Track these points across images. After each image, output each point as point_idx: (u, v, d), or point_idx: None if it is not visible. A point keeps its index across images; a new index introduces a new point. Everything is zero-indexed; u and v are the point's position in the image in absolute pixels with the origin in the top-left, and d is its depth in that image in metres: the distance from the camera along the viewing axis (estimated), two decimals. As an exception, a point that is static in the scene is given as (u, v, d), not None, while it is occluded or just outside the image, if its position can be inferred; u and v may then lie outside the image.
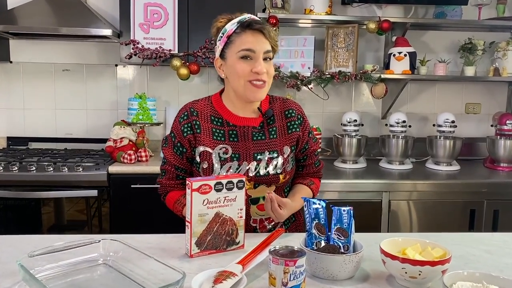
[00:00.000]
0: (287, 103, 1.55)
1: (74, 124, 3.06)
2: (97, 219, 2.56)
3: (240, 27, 1.38)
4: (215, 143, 1.43)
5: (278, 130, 1.49)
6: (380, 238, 1.10)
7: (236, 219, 1.21)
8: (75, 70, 3.02)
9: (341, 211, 1.10)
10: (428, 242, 1.07)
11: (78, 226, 2.58)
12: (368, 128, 3.16)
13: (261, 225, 1.49)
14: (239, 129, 1.45)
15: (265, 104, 1.52)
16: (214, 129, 1.45)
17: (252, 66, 1.37)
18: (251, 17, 1.41)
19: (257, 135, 1.46)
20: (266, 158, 1.44)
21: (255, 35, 1.37)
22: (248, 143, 1.44)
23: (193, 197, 1.13)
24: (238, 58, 1.37)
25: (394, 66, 2.85)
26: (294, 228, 1.59)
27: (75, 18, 2.67)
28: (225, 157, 1.42)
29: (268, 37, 1.38)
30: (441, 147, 2.83)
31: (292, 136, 1.50)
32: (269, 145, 1.46)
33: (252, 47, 1.36)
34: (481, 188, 2.55)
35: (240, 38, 1.37)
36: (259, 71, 1.36)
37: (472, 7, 2.99)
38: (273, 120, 1.49)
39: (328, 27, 2.91)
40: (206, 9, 2.71)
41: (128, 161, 2.61)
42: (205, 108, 1.48)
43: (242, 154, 1.43)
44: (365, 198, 2.52)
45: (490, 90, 3.22)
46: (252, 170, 1.43)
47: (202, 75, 3.04)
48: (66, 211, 2.55)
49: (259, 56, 1.37)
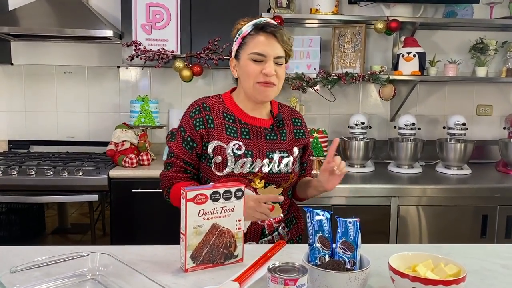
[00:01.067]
0: (293, 112, 1.62)
1: (76, 127, 3.01)
2: (100, 223, 2.51)
3: (254, 29, 1.41)
4: (229, 139, 1.43)
5: (288, 134, 1.53)
6: (389, 251, 1.02)
7: (235, 231, 1.14)
8: (76, 72, 2.98)
9: (347, 223, 1.03)
10: (441, 257, 0.99)
11: (82, 229, 2.53)
12: (376, 130, 3.07)
13: (269, 225, 1.49)
14: (251, 128, 1.47)
15: (274, 108, 1.57)
16: (227, 125, 1.45)
17: (262, 67, 1.40)
18: (266, 20, 1.43)
19: (269, 135, 1.49)
20: (278, 157, 1.46)
21: (268, 38, 1.40)
22: (261, 141, 1.47)
23: (188, 207, 1.07)
24: (249, 60, 1.41)
25: (403, 67, 2.76)
26: (295, 231, 1.59)
27: (76, 19, 2.62)
28: (238, 153, 1.42)
29: (281, 41, 1.40)
30: (452, 151, 2.74)
31: (300, 141, 1.56)
32: (279, 145, 1.49)
33: (263, 52, 1.39)
34: (494, 193, 2.46)
35: (253, 40, 1.40)
36: (268, 73, 1.39)
37: (483, 6, 2.90)
38: (283, 124, 1.53)
39: (335, 27, 2.84)
40: (209, 10, 2.65)
41: (129, 165, 2.55)
42: (216, 105, 1.49)
43: (255, 152, 1.44)
44: (373, 204, 2.44)
45: (502, 91, 3.13)
46: (266, 167, 1.44)
47: (206, 77, 2.98)
48: (70, 214, 2.50)
49: (269, 59, 1.40)
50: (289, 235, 1.55)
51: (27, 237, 2.49)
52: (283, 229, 1.53)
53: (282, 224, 1.53)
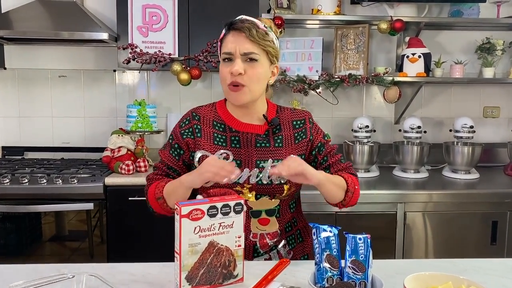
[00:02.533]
0: (296, 113, 1.45)
1: (72, 133, 2.92)
2: (98, 230, 2.42)
3: (226, 29, 1.34)
4: (216, 148, 1.35)
5: (285, 139, 1.39)
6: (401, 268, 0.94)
7: (234, 249, 1.05)
8: (72, 76, 2.89)
9: (356, 240, 0.94)
10: (462, 278, 0.90)
11: (80, 237, 2.44)
12: (380, 134, 2.98)
13: (262, 242, 1.35)
14: (242, 135, 1.37)
15: (271, 112, 1.43)
16: (215, 134, 1.37)
17: (230, 67, 1.29)
18: (240, 17, 1.34)
19: (261, 142, 1.37)
20: (270, 166, 1.33)
21: (235, 35, 1.30)
22: (251, 149, 1.35)
23: (183, 224, 0.98)
24: (222, 61, 1.33)
25: (408, 68, 2.68)
26: (300, 250, 1.44)
27: (71, 22, 2.55)
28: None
29: (249, 36, 1.28)
30: (459, 154, 2.65)
31: (300, 145, 1.40)
32: (274, 153, 1.36)
33: (229, 49, 1.29)
34: (504, 198, 2.37)
35: (224, 41, 1.33)
36: (233, 72, 1.28)
37: (489, 5, 2.81)
38: (279, 129, 1.40)
39: (337, 27, 2.75)
40: (207, 11, 2.56)
41: (126, 172, 2.46)
42: (208, 114, 1.41)
43: (243, 161, 1.34)
44: (379, 210, 2.36)
45: (509, 93, 3.04)
46: (254, 177, 1.32)
47: (205, 80, 2.90)
48: (67, 221, 2.42)
49: (236, 57, 1.29)
50: (291, 254, 1.41)
51: (23, 245, 2.41)
52: (284, 247, 1.39)
53: (283, 241, 1.39)
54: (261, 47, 1.30)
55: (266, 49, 1.31)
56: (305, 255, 1.45)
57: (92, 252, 2.43)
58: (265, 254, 1.36)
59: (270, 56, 1.33)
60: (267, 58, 1.32)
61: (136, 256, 2.39)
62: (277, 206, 1.35)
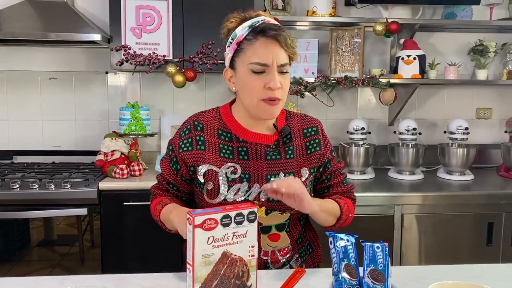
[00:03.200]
0: (306, 120, 1.36)
1: (62, 136, 2.85)
2: (89, 234, 2.36)
3: (251, 32, 1.18)
4: (222, 161, 1.24)
5: (296, 150, 1.30)
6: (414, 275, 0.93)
7: (247, 259, 1.02)
8: (63, 78, 2.82)
9: (374, 248, 0.93)
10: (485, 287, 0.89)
11: (70, 241, 2.38)
12: (375, 135, 2.98)
13: (274, 259, 1.29)
14: (250, 146, 1.26)
15: (281, 120, 1.33)
16: (221, 145, 1.27)
17: (265, 81, 1.18)
18: (265, 20, 1.20)
19: (271, 154, 1.27)
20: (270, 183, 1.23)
21: (269, 44, 1.17)
22: (261, 162, 1.26)
23: (196, 234, 0.95)
24: (249, 72, 1.18)
25: (403, 70, 2.68)
26: (311, 262, 1.39)
27: (61, 22, 2.49)
28: (233, 177, 1.24)
29: (284, 46, 1.18)
30: (454, 156, 2.66)
31: (312, 157, 1.31)
32: (284, 166, 1.27)
33: (265, 61, 1.17)
34: (499, 199, 2.38)
35: (252, 47, 1.17)
36: (273, 87, 1.17)
37: (482, 7, 2.83)
38: (290, 138, 1.31)
39: (332, 29, 2.74)
40: (202, 12, 2.53)
41: (120, 176, 2.41)
42: (212, 121, 1.29)
43: (253, 175, 1.24)
44: (375, 213, 2.35)
45: (501, 94, 3.07)
46: (264, 194, 1.23)
47: (199, 82, 2.86)
48: (56, 225, 2.36)
49: (273, 69, 1.18)
50: (303, 267, 1.33)
51: (11, 251, 2.34)
52: (296, 261, 1.33)
53: (296, 255, 1.33)
54: (291, 56, 1.22)
55: (293, 56, 1.23)
56: (316, 266, 1.40)
57: (83, 254, 2.36)
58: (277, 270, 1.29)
59: (291, 62, 1.25)
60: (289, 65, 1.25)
61: (131, 262, 2.36)
62: (287, 220, 1.29)
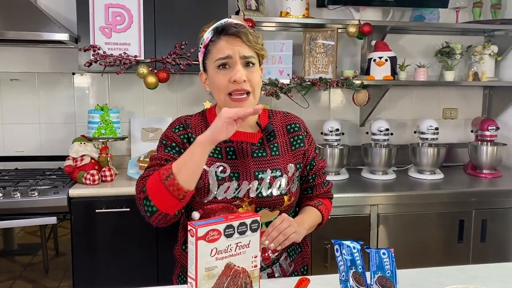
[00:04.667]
0: (289, 117, 1.41)
1: (25, 140, 2.70)
2: (52, 242, 2.24)
3: (215, 34, 1.24)
4: (212, 161, 1.26)
5: (281, 147, 1.33)
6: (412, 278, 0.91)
7: (250, 270, 0.99)
8: (25, 80, 2.67)
9: (380, 254, 0.91)
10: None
11: (32, 250, 2.25)
12: (347, 136, 3.01)
13: (264, 256, 1.29)
14: (237, 145, 1.29)
15: (263, 118, 1.37)
16: None
17: (230, 75, 1.21)
18: (227, 21, 1.26)
19: (257, 151, 1.30)
20: (269, 177, 1.28)
21: (231, 40, 1.22)
22: (248, 160, 1.28)
23: (199, 247, 0.90)
24: (216, 69, 1.24)
25: (375, 72, 2.71)
26: (300, 261, 1.40)
27: (23, 20, 2.34)
28: (222, 176, 1.26)
29: (246, 41, 1.22)
30: (425, 155, 2.72)
31: (297, 153, 1.35)
32: (271, 162, 1.30)
33: (227, 53, 1.21)
34: (470, 197, 2.46)
35: (216, 46, 1.24)
36: (237, 79, 1.20)
37: (448, 11, 2.92)
38: (274, 135, 1.34)
39: (306, 31, 2.74)
40: (174, 11, 2.46)
41: (91, 182, 2.31)
42: (199, 124, 1.33)
43: (241, 173, 1.26)
44: (351, 213, 2.37)
45: (465, 95, 3.17)
46: (254, 191, 1.26)
47: (170, 83, 2.78)
48: (16, 233, 2.22)
49: (236, 62, 1.22)
50: (292, 267, 1.37)
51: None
52: (285, 259, 1.35)
53: (284, 254, 1.35)
54: (256, 51, 1.25)
55: (260, 52, 1.26)
56: (305, 265, 1.42)
57: (47, 264, 2.24)
58: (268, 269, 1.30)
59: (260, 59, 1.29)
60: (258, 61, 1.28)
61: (103, 272, 2.27)
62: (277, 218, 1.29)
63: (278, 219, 1.20)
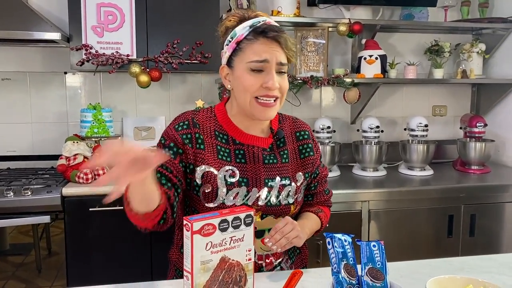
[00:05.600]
0: (298, 124, 1.36)
1: (18, 140, 2.70)
2: (45, 241, 2.25)
3: (252, 32, 1.16)
4: (221, 164, 1.21)
5: (290, 154, 1.30)
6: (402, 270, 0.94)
7: (245, 263, 1.01)
8: (17, 79, 2.67)
9: (371, 246, 0.94)
10: (480, 281, 0.93)
11: (24, 249, 2.26)
12: (338, 134, 3.04)
13: (267, 262, 1.28)
14: (247, 149, 1.24)
15: (274, 123, 1.31)
16: (219, 146, 1.23)
17: (262, 80, 1.16)
18: (266, 21, 1.19)
19: (268, 158, 1.26)
20: (278, 186, 1.24)
21: (270, 44, 1.15)
22: (259, 166, 1.24)
23: (195, 241, 0.92)
24: (247, 70, 1.17)
25: (365, 70, 2.75)
26: (299, 262, 1.40)
27: (15, 20, 2.34)
28: (231, 181, 1.21)
29: (285, 47, 1.17)
30: (415, 152, 2.76)
31: (306, 162, 1.32)
32: (280, 170, 1.26)
33: (265, 57, 1.15)
34: (459, 193, 2.50)
35: (252, 47, 1.16)
36: (270, 86, 1.15)
37: (437, 10, 2.96)
38: (284, 142, 1.30)
39: (297, 29, 2.76)
40: (166, 10, 2.47)
41: (84, 181, 2.31)
42: (207, 121, 1.25)
43: (251, 179, 1.23)
44: (343, 209, 2.40)
45: (454, 93, 3.22)
46: (263, 199, 1.23)
47: (163, 82, 2.78)
48: (8, 233, 2.23)
49: (271, 68, 1.16)
50: (293, 269, 1.35)
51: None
52: (286, 262, 1.34)
53: (285, 257, 1.34)
54: (289, 57, 1.20)
55: (291, 59, 1.21)
56: (304, 266, 1.42)
57: (40, 263, 2.24)
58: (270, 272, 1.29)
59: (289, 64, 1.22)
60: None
61: (97, 271, 2.27)
62: None
63: (282, 222, 1.16)
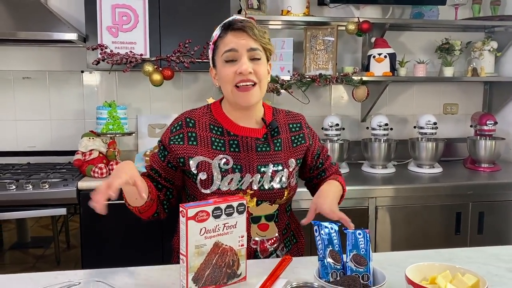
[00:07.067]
0: (291, 116, 1.47)
1: (37, 136, 2.82)
2: (64, 235, 2.35)
3: (222, 30, 1.31)
4: (215, 153, 1.32)
5: (283, 143, 1.40)
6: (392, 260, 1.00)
7: (237, 248, 1.07)
8: (36, 78, 2.79)
9: (356, 234, 0.99)
10: (458, 267, 0.97)
11: (44, 243, 2.37)
12: (348, 131, 3.08)
13: (262, 247, 1.37)
14: (241, 139, 1.35)
15: (268, 115, 1.43)
16: (213, 138, 1.34)
17: (236, 68, 1.27)
18: (234, 17, 1.31)
19: (261, 146, 1.36)
20: (271, 171, 1.34)
21: (237, 34, 1.27)
22: (252, 154, 1.34)
23: (189, 226, 0.99)
24: (222, 63, 1.29)
25: (374, 68, 2.78)
26: (295, 251, 1.47)
27: (35, 21, 2.45)
28: (226, 168, 1.31)
29: (253, 35, 1.27)
30: (424, 149, 2.78)
31: (298, 149, 1.42)
32: (273, 157, 1.36)
33: (233, 46, 1.26)
34: (467, 190, 2.51)
35: (223, 41, 1.29)
36: (243, 71, 1.25)
37: (447, 8, 2.96)
38: (278, 132, 1.40)
39: (306, 28, 2.81)
40: (178, 11, 2.55)
41: (99, 175, 2.41)
42: (203, 117, 1.37)
43: (244, 166, 1.32)
44: (351, 205, 2.42)
45: (465, 91, 3.21)
46: (256, 183, 1.32)
47: (176, 81, 2.87)
48: (30, 227, 2.34)
49: (242, 55, 1.27)
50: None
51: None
52: (282, 250, 1.41)
53: (281, 245, 1.41)
54: (262, 45, 1.30)
55: (266, 47, 1.31)
56: (300, 255, 1.47)
57: (59, 256, 2.35)
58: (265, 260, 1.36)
59: (267, 54, 1.33)
60: (265, 56, 1.32)
61: (112, 262, 2.36)
62: (276, 211, 1.37)
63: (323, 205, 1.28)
